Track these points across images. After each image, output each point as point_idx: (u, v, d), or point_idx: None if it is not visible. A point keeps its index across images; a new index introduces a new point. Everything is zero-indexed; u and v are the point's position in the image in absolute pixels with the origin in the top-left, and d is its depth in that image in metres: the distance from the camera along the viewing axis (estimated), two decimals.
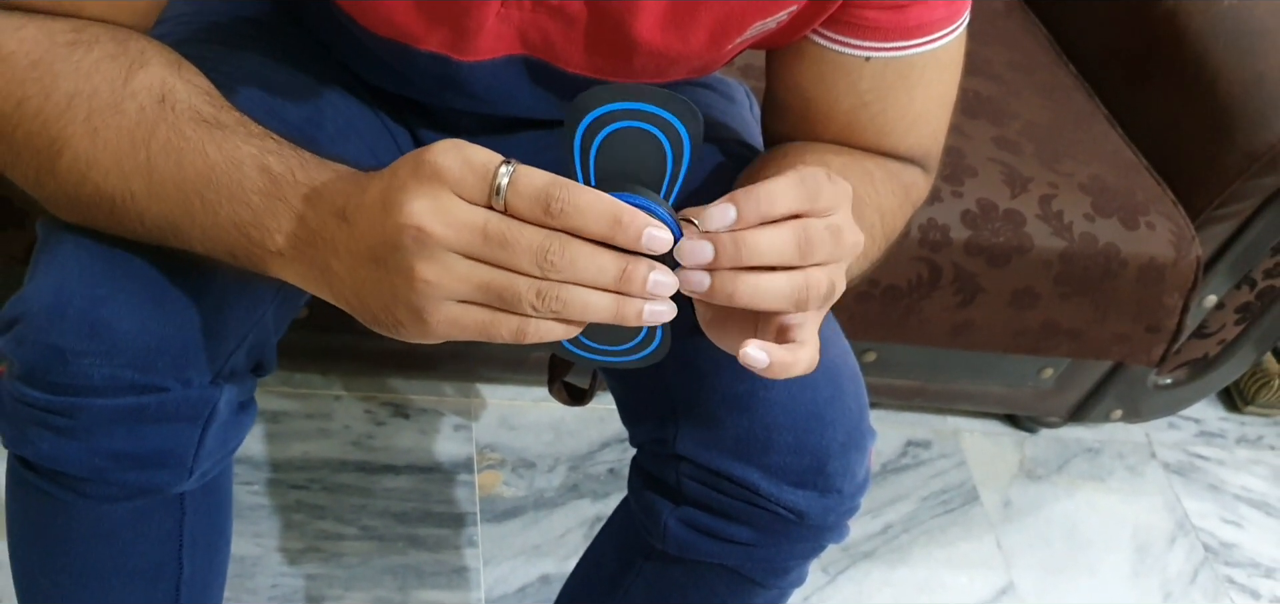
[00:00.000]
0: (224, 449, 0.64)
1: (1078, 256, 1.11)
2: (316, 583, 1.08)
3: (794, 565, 0.70)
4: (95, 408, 0.57)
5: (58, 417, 0.57)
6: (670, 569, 0.71)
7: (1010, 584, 1.29)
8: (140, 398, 0.57)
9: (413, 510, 1.16)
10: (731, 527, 0.66)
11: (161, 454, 0.60)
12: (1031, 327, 1.15)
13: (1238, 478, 1.51)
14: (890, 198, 0.67)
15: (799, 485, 0.64)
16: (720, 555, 0.68)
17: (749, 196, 0.48)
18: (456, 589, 1.11)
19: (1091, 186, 1.14)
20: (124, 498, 0.63)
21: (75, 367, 0.56)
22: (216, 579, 0.75)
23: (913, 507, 1.33)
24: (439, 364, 1.23)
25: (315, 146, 0.68)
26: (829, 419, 0.64)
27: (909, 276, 1.08)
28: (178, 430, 0.60)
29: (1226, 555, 1.41)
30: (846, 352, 0.69)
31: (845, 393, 0.66)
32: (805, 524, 0.65)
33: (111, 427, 0.58)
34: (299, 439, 1.18)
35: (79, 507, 0.63)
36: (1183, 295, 1.15)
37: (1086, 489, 1.42)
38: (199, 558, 0.71)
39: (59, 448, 0.59)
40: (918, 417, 1.43)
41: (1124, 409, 1.38)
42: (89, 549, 0.66)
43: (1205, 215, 1.17)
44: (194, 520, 0.68)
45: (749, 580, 0.69)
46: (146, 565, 0.68)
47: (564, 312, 0.47)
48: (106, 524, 0.65)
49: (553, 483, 1.23)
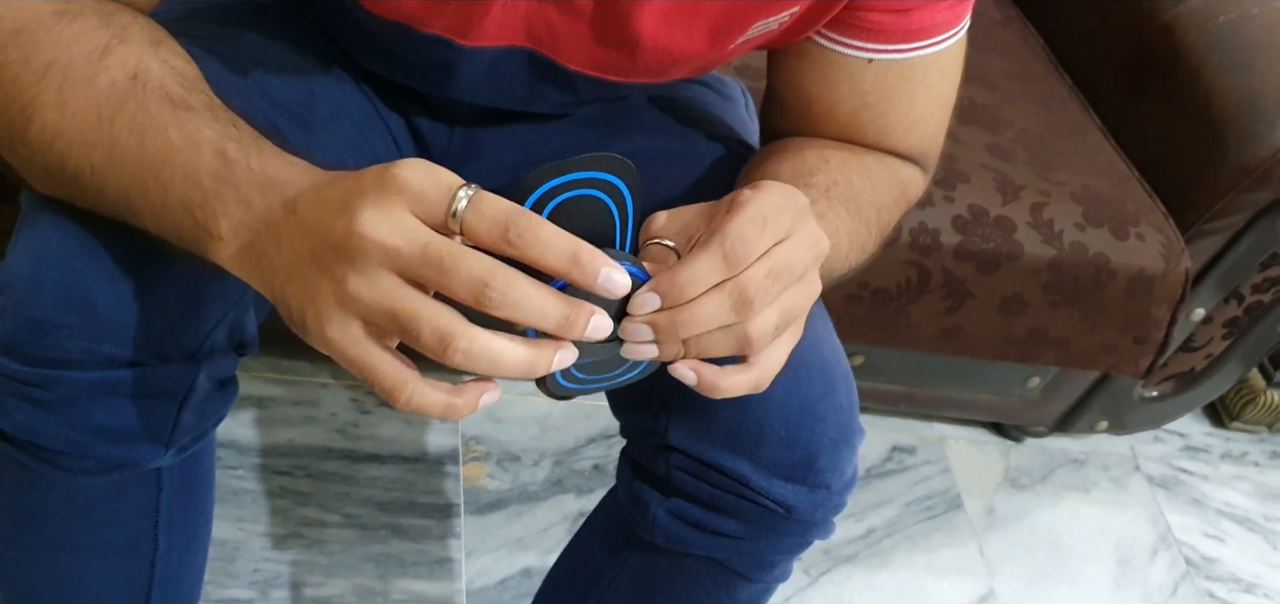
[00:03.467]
0: (203, 425, 0.64)
1: (1067, 265, 1.11)
2: (298, 569, 1.08)
3: (780, 560, 0.70)
4: (73, 381, 0.57)
5: (35, 388, 0.57)
6: (657, 561, 0.71)
7: (991, 592, 1.29)
8: (117, 372, 0.57)
9: (396, 500, 1.16)
10: (720, 519, 0.66)
11: (138, 429, 0.60)
12: (1019, 334, 1.15)
13: (1221, 493, 1.52)
14: (887, 193, 0.67)
15: (789, 479, 0.64)
16: (708, 548, 0.68)
17: (671, 282, 0.49)
18: (438, 580, 1.11)
19: (1083, 196, 1.14)
20: (100, 471, 0.62)
21: (53, 339, 0.55)
22: (194, 558, 0.74)
23: (896, 512, 1.34)
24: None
25: (307, 130, 0.67)
26: (821, 415, 0.64)
27: (898, 280, 1.08)
28: (155, 405, 0.60)
29: (1208, 569, 1.41)
30: (838, 351, 0.70)
31: (837, 390, 0.66)
32: (793, 519, 0.65)
33: (89, 400, 0.58)
34: (285, 425, 1.18)
35: (55, 479, 0.63)
36: (1171, 308, 1.16)
37: (1070, 500, 1.43)
38: (176, 535, 0.70)
39: (36, 420, 0.58)
40: (903, 422, 1.43)
41: (1110, 421, 1.38)
42: (64, 522, 0.65)
43: (1195, 229, 1.18)
44: (171, 497, 0.68)
45: (735, 574, 0.69)
46: (122, 540, 0.68)
47: (467, 362, 0.45)
48: (82, 497, 0.65)
49: (537, 477, 1.23)
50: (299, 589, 1.06)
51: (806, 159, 0.65)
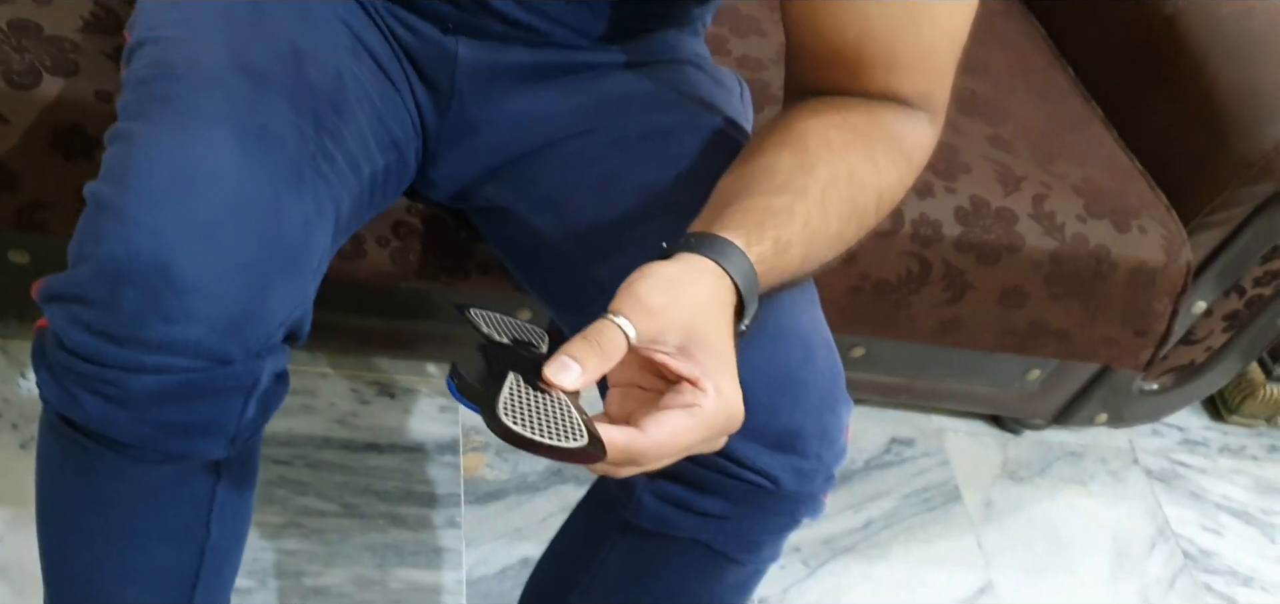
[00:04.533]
0: (263, 418, 0.65)
1: (1068, 257, 1.11)
2: (296, 558, 1.07)
3: (768, 540, 0.70)
4: (147, 380, 0.58)
5: (108, 386, 0.58)
6: (644, 545, 0.71)
7: (989, 583, 1.29)
8: (189, 375, 0.59)
9: (395, 489, 1.15)
10: (705, 499, 0.66)
11: (208, 424, 0.62)
12: (1019, 326, 1.15)
13: (1219, 487, 1.52)
14: (891, 174, 0.67)
15: (775, 449, 0.64)
16: (693, 529, 0.68)
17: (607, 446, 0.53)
18: (437, 569, 1.11)
19: (1084, 188, 1.14)
20: (166, 462, 0.64)
21: (130, 323, 0.57)
22: (237, 549, 0.76)
23: (894, 503, 1.34)
24: (425, 346, 1.22)
25: (340, 116, 0.70)
26: (802, 381, 0.65)
27: (899, 271, 1.08)
28: (224, 401, 0.61)
29: (1205, 563, 1.42)
30: (819, 321, 0.70)
31: (817, 357, 0.66)
32: (780, 493, 0.65)
33: (161, 399, 0.59)
34: (283, 414, 1.17)
35: (120, 468, 0.64)
36: (1172, 300, 1.16)
37: (1068, 492, 1.43)
38: (226, 525, 0.72)
39: (108, 412, 0.60)
40: (903, 414, 1.43)
41: (1109, 414, 1.38)
42: (124, 509, 0.67)
43: (1197, 221, 1.17)
44: (226, 489, 0.69)
45: (722, 556, 0.69)
46: (177, 528, 0.69)
47: None
48: (145, 486, 0.66)
49: (537, 467, 1.23)
50: (298, 578, 1.06)
51: (810, 147, 0.64)
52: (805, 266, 0.63)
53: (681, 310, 0.55)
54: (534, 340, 0.63)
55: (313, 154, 0.65)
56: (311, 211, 0.64)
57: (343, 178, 0.68)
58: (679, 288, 0.56)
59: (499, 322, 0.63)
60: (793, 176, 0.62)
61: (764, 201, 0.61)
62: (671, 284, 0.56)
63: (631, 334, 0.54)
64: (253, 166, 0.61)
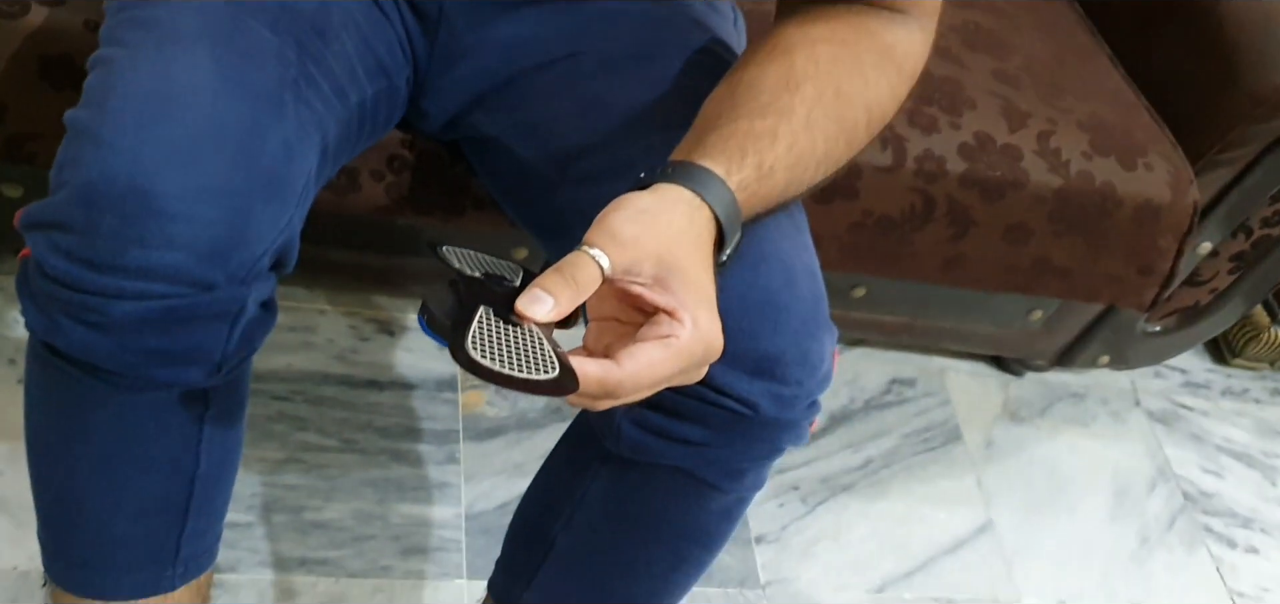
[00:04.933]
0: (249, 347, 0.65)
1: (1073, 194, 1.09)
2: (296, 493, 1.08)
3: (750, 467, 0.69)
4: (127, 310, 0.58)
5: (90, 313, 0.58)
6: (626, 473, 0.71)
7: (989, 522, 1.30)
8: (170, 300, 0.58)
9: (395, 426, 1.15)
10: (684, 426, 0.66)
11: (191, 351, 0.61)
12: (1023, 264, 1.14)
13: (1221, 429, 1.52)
14: (881, 86, 0.65)
15: (754, 375, 0.63)
16: (673, 457, 0.67)
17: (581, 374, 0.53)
18: (437, 503, 1.11)
19: (1090, 124, 1.12)
20: (151, 389, 0.64)
21: (109, 248, 0.56)
22: (227, 479, 0.76)
23: (894, 442, 1.34)
24: (423, 284, 1.21)
25: (324, 40, 0.69)
26: (783, 305, 0.64)
27: (902, 207, 1.07)
28: (208, 329, 0.61)
29: (1205, 504, 1.42)
30: (803, 247, 0.69)
31: (799, 282, 0.65)
32: (760, 419, 0.65)
33: (143, 325, 0.59)
34: (282, 351, 1.17)
35: (105, 395, 0.64)
36: (1177, 239, 1.15)
37: (1069, 433, 1.43)
38: (215, 454, 0.72)
39: (90, 340, 0.59)
40: (904, 355, 1.43)
41: (1111, 355, 1.37)
42: (111, 437, 0.67)
43: (1205, 160, 1.16)
44: (214, 418, 0.69)
45: (703, 483, 0.69)
46: (165, 456, 0.69)
47: None
48: (131, 413, 0.66)
49: (536, 405, 1.22)
50: (298, 513, 1.07)
51: (796, 64, 0.63)
52: (790, 190, 0.62)
53: (656, 241, 0.54)
54: (508, 275, 0.62)
55: (295, 79, 0.64)
56: (293, 136, 0.63)
57: (328, 104, 0.67)
58: (653, 218, 0.55)
59: (472, 258, 0.63)
60: (777, 96, 0.61)
61: (747, 125, 0.60)
62: (645, 215, 0.55)
63: (605, 265, 0.53)
64: (231, 90, 0.60)
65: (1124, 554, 1.33)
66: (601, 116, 0.72)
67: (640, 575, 0.75)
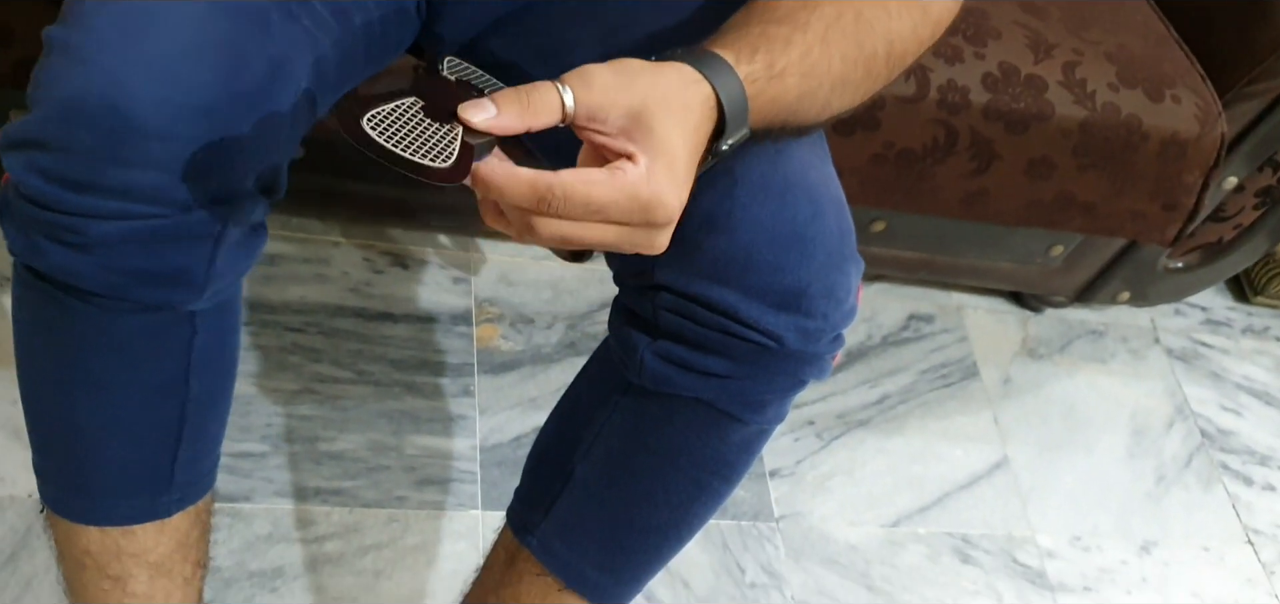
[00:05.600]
0: (236, 270, 0.64)
1: (1098, 127, 1.07)
2: (311, 424, 1.08)
3: (772, 400, 0.68)
4: (105, 229, 0.57)
5: (68, 233, 0.57)
6: (646, 404, 0.70)
7: (1005, 459, 1.29)
8: (148, 221, 0.57)
9: (410, 358, 1.15)
10: (707, 358, 0.65)
11: (174, 272, 0.61)
12: (1045, 198, 1.12)
13: (1241, 367, 1.50)
14: (903, 21, 0.63)
15: (780, 308, 0.62)
16: (695, 388, 0.67)
17: (493, 171, 0.51)
18: (452, 436, 1.11)
19: (1118, 56, 1.10)
20: (137, 312, 0.63)
21: (87, 165, 0.55)
22: (221, 404, 0.75)
23: (911, 379, 1.33)
24: (436, 216, 1.20)
25: None
26: (810, 238, 0.62)
27: (924, 140, 1.05)
28: (189, 249, 0.60)
29: (1223, 442, 1.41)
30: (830, 178, 0.67)
31: (826, 214, 0.64)
32: (784, 352, 0.64)
33: (122, 245, 0.58)
34: (296, 283, 1.17)
35: (91, 316, 0.63)
36: (1203, 173, 1.12)
37: (1087, 370, 1.42)
38: (206, 380, 0.71)
39: (70, 261, 0.58)
40: (922, 291, 1.41)
41: (1132, 292, 1.36)
42: (99, 360, 0.66)
43: (1234, 92, 1.13)
44: (204, 340, 0.68)
45: (724, 414, 0.68)
46: (155, 381, 0.68)
47: None
48: (118, 335, 0.65)
49: (551, 340, 1.22)
50: (313, 443, 1.07)
51: None
52: (803, 105, 0.60)
53: (630, 94, 0.53)
54: None
55: None
56: (280, 56, 0.61)
57: (323, 25, 0.66)
58: (635, 73, 0.54)
59: (469, 70, 0.59)
60: (795, 11, 0.60)
61: (760, 28, 0.58)
62: (628, 70, 0.54)
63: (568, 101, 0.52)
64: (214, 7, 0.59)
65: (1140, 492, 1.32)
66: (623, 43, 0.70)
67: (659, 506, 0.74)
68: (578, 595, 0.76)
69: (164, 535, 0.73)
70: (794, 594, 1.12)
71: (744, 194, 0.61)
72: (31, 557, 0.93)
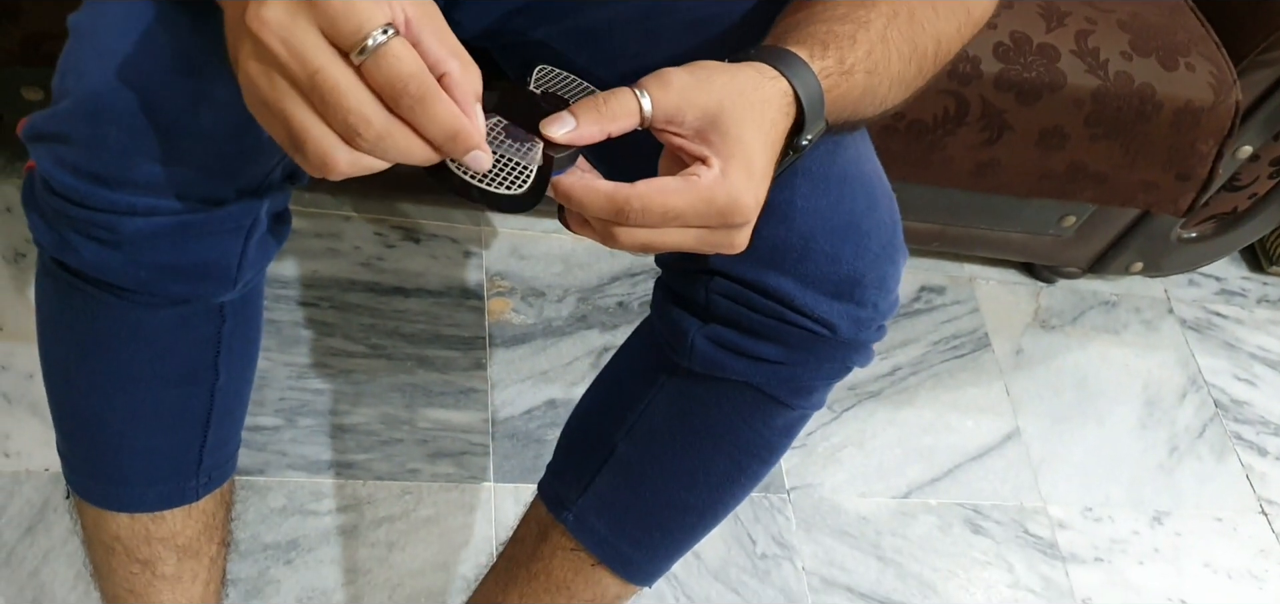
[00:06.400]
0: (264, 259, 0.64)
1: (1111, 96, 1.06)
2: (324, 398, 1.09)
3: (819, 386, 0.69)
4: (138, 222, 0.57)
5: (101, 228, 0.57)
6: (693, 386, 0.70)
7: (1016, 430, 1.29)
8: (181, 216, 0.57)
9: (422, 332, 1.16)
10: (760, 344, 0.65)
11: (206, 266, 0.61)
12: (1057, 169, 1.12)
13: (1255, 337, 1.49)
14: (949, 22, 0.64)
15: (835, 296, 0.63)
16: (746, 373, 0.67)
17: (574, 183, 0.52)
18: (465, 409, 1.12)
19: (1131, 23, 1.09)
20: (168, 305, 0.63)
21: (119, 165, 0.55)
22: (246, 388, 0.76)
23: (923, 350, 1.33)
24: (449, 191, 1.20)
25: None
26: (866, 230, 0.63)
27: (935, 111, 1.04)
28: (222, 243, 0.60)
29: (1236, 412, 1.40)
30: (879, 170, 0.68)
31: (880, 206, 0.65)
32: (836, 341, 0.64)
33: (155, 241, 0.58)
34: (308, 257, 1.17)
35: (122, 311, 0.63)
36: (1217, 142, 1.12)
37: (1100, 341, 1.41)
38: (234, 366, 0.71)
39: (103, 257, 0.58)
40: (934, 262, 1.41)
41: (1145, 262, 1.35)
42: (129, 353, 0.66)
43: (1249, 60, 1.12)
44: (232, 329, 0.69)
45: (772, 399, 0.69)
46: (185, 371, 0.68)
47: None
48: (149, 329, 0.65)
49: (562, 313, 1.22)
50: (326, 417, 1.08)
51: None
52: (866, 101, 0.61)
53: (707, 94, 0.53)
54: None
55: None
56: None
57: None
58: (711, 73, 0.53)
59: (556, 78, 0.59)
60: (854, 9, 0.60)
61: (825, 27, 0.58)
62: (705, 69, 0.54)
63: (646, 105, 0.52)
64: None
65: (1152, 463, 1.32)
66: (664, 25, 0.70)
67: (699, 486, 0.75)
68: (610, 570, 0.77)
69: (191, 519, 0.74)
70: (805, 565, 1.12)
71: (803, 184, 0.62)
72: (48, 530, 0.95)
